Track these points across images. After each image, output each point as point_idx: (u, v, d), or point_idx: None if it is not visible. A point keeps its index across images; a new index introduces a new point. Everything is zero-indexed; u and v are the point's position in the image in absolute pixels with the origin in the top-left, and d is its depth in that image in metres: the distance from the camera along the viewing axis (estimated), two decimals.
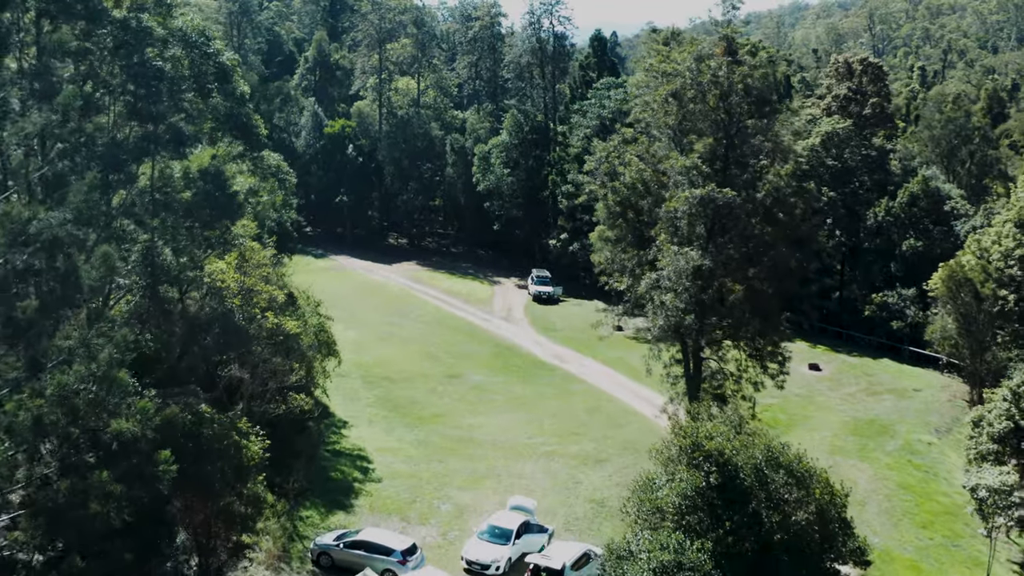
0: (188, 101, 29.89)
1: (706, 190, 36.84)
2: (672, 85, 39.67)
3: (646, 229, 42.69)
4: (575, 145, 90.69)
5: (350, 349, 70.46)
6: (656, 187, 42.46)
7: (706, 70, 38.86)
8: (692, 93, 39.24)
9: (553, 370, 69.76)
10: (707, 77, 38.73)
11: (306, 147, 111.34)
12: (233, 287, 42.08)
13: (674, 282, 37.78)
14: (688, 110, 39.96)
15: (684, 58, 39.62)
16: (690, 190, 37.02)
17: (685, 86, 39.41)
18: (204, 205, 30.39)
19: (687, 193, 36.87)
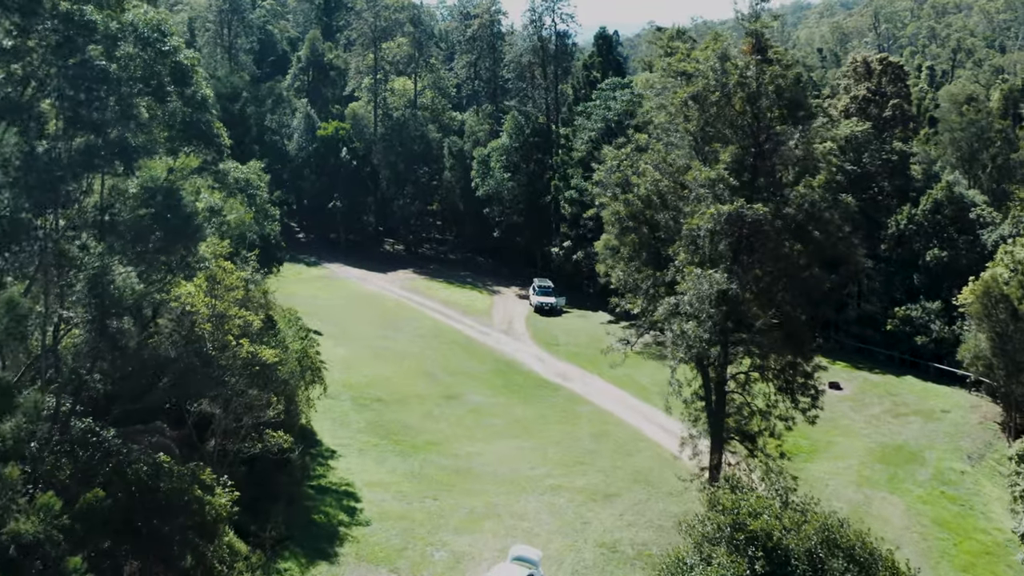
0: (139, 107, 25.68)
1: (735, 206, 32.58)
2: (693, 87, 35.41)
3: (663, 246, 38.39)
4: (579, 149, 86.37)
5: (340, 368, 66.31)
6: (674, 199, 38.18)
7: (732, 70, 34.58)
8: (716, 96, 34.96)
9: (557, 389, 65.47)
10: (734, 78, 34.46)
11: (298, 150, 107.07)
12: (204, 311, 37.86)
13: (696, 308, 33.47)
14: (711, 115, 35.70)
15: (707, 57, 35.35)
16: (716, 206, 32.74)
17: (708, 88, 35.15)
18: (155, 228, 26.16)
19: (713, 210, 32.59)
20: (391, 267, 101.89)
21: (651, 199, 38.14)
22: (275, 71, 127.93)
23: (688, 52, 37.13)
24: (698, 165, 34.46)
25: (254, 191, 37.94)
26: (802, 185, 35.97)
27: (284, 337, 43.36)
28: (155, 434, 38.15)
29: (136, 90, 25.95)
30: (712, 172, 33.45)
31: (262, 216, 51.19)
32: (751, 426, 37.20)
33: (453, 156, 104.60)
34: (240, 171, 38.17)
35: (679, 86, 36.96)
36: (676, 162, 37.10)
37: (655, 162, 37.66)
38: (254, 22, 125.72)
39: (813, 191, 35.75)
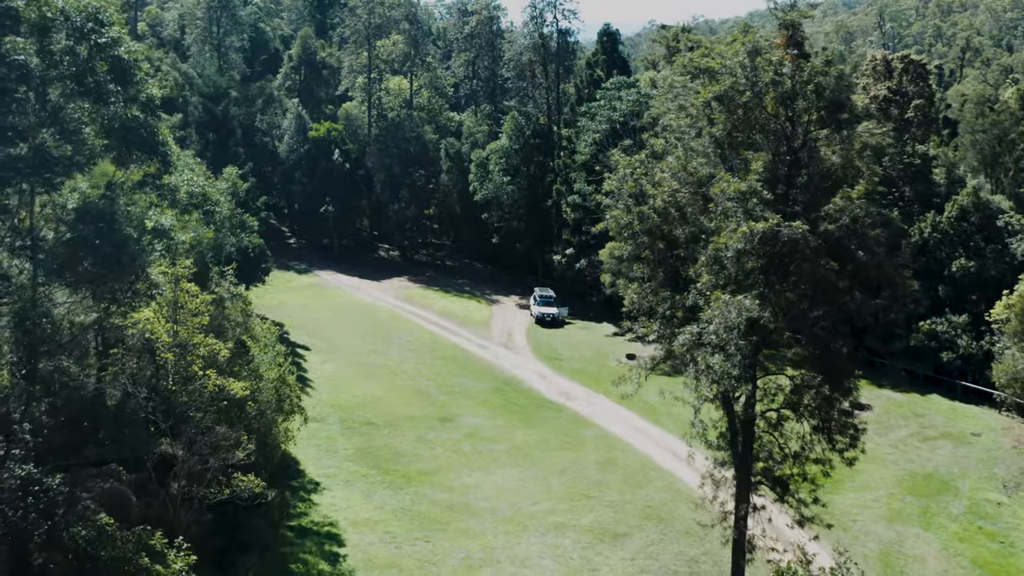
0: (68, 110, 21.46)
1: (770, 223, 28.28)
2: (718, 86, 31.08)
3: (682, 266, 34.04)
4: (583, 152, 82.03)
5: (328, 387, 62.20)
6: (694, 213, 33.84)
7: (766, 67, 30.28)
8: (746, 96, 30.63)
9: (560, 410, 61.15)
10: (768, 76, 30.15)
11: (289, 152, 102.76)
12: (165, 339, 33.60)
13: (723, 339, 29.14)
14: (738, 118, 31.38)
15: (735, 51, 31.05)
16: (748, 223, 28.42)
17: (736, 87, 30.84)
18: (84, 255, 21.90)
19: (745, 228, 28.27)
20: (385, 274, 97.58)
21: (669, 212, 33.81)
22: (267, 70, 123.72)
23: (711, 47, 32.80)
24: (726, 176, 30.11)
25: (212, 206, 33.59)
26: (840, 197, 31.62)
27: (258, 365, 39.02)
28: (109, 478, 33.85)
29: (68, 90, 21.72)
30: (742, 184, 29.13)
31: (237, 228, 46.88)
32: (782, 470, 32.86)
33: (450, 158, 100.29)
34: (196, 183, 33.77)
35: (701, 85, 32.58)
36: (698, 171, 32.77)
37: (674, 170, 33.31)
38: (244, 19, 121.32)
39: (853, 204, 31.41)
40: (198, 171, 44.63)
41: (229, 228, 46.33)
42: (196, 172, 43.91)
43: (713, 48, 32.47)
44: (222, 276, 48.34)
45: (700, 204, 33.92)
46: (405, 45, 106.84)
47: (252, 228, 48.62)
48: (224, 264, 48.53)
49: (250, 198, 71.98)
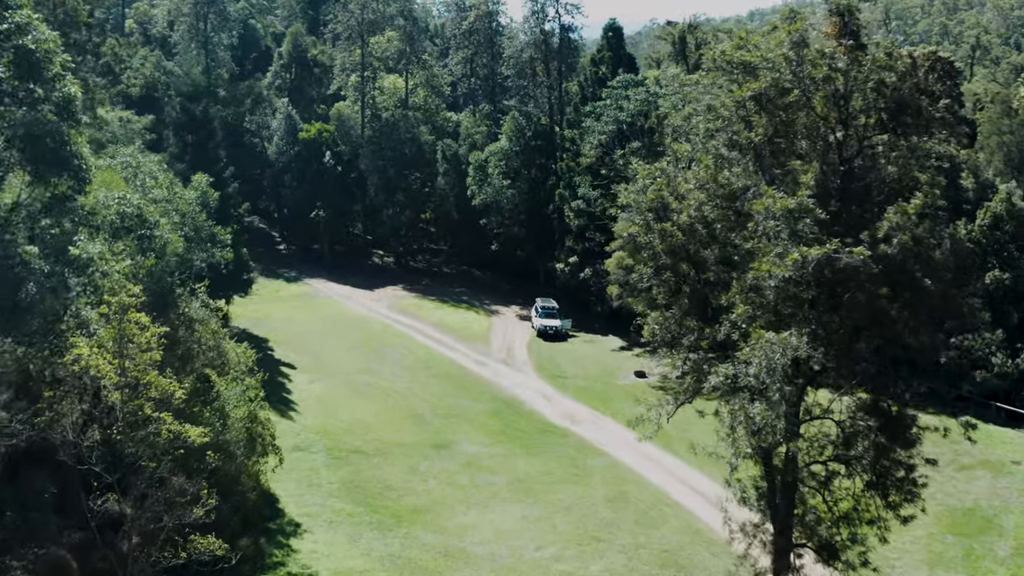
0: None
1: (826, 249, 23.64)
2: (757, 83, 26.40)
3: (711, 292, 29.32)
4: (587, 154, 77.24)
5: (314, 409, 57.54)
6: (724, 231, 29.13)
7: (818, 61, 25.59)
8: (794, 95, 25.95)
9: (565, 435, 56.41)
10: (821, 71, 25.48)
11: (278, 154, 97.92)
12: (112, 377, 28.93)
13: (763, 382, 24.44)
14: (781, 120, 26.67)
15: (778, 42, 26.38)
16: (799, 248, 23.76)
17: (779, 84, 26.14)
18: None
19: (796, 255, 23.59)
20: (379, 282, 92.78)
21: (695, 230, 29.10)
22: (258, 69, 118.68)
23: (746, 38, 28.09)
24: (769, 191, 25.42)
25: (149, 229, 28.85)
26: (893, 212, 26.90)
27: (224, 403, 34.25)
28: (45, 543, 29.14)
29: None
30: (791, 200, 24.45)
31: (207, 242, 42.20)
32: (830, 534, 28.16)
33: (447, 161, 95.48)
34: (128, 203, 28.92)
35: (733, 82, 27.87)
36: (730, 182, 28.04)
37: (701, 181, 28.60)
38: (233, 15, 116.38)
39: (909, 220, 26.71)
40: (162, 180, 40.00)
41: (198, 242, 41.61)
42: (159, 182, 39.28)
43: (748, 39, 27.69)
44: (192, 294, 43.69)
45: (732, 220, 29.17)
46: (400, 42, 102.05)
47: (224, 242, 43.89)
48: (195, 281, 43.80)
49: (232, 204, 67.24)
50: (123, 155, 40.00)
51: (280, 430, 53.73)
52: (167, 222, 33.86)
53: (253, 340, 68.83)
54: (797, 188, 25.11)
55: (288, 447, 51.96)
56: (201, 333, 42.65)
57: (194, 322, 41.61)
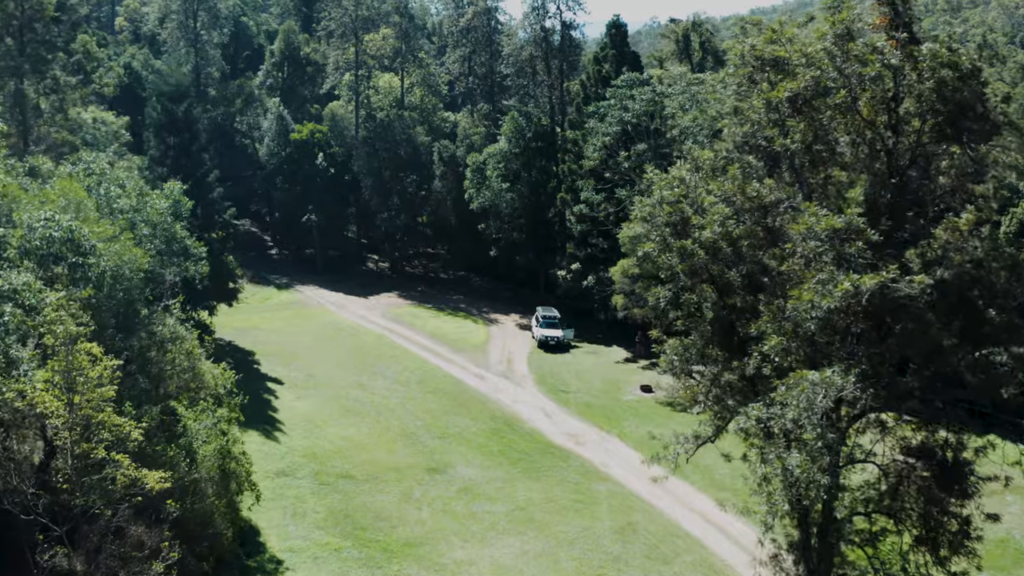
0: None
1: (882, 277, 20.26)
2: (795, 82, 22.99)
3: (738, 318, 25.89)
4: (591, 157, 73.74)
5: (301, 429, 54.12)
6: (751, 249, 25.69)
7: (870, 57, 22.17)
8: (840, 96, 22.54)
9: (567, 457, 52.96)
10: (874, 67, 22.07)
11: (269, 156, 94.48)
12: (62, 414, 25.54)
13: (803, 428, 21.04)
14: (821, 125, 23.24)
15: (820, 34, 22.97)
16: (849, 276, 20.37)
17: (820, 83, 22.72)
18: None
19: (847, 284, 20.19)
20: (373, 289, 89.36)
21: (719, 248, 25.65)
22: (250, 68, 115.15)
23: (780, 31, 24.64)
24: (812, 207, 21.98)
25: (81, 257, 25.37)
26: (943, 228, 23.51)
27: (192, 438, 30.81)
28: None
29: None
30: (837, 219, 21.03)
31: (179, 255, 38.78)
32: None
33: (444, 163, 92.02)
34: (55, 225, 25.14)
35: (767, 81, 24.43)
36: (761, 195, 24.59)
37: (727, 194, 25.17)
38: (224, 13, 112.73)
39: (961, 237, 23.31)
40: (131, 188, 36.60)
41: (170, 255, 38.20)
42: (127, 190, 35.87)
43: (782, 32, 24.23)
44: (167, 311, 40.30)
45: (760, 237, 25.73)
46: (396, 40, 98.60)
47: (199, 255, 40.52)
48: (169, 296, 40.42)
49: (216, 210, 63.81)
50: (86, 161, 36.63)
51: (264, 453, 50.56)
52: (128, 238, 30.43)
53: (238, 353, 65.55)
54: (843, 203, 21.73)
55: (272, 472, 48.75)
56: (175, 354, 39.25)
57: (166, 342, 38.18)
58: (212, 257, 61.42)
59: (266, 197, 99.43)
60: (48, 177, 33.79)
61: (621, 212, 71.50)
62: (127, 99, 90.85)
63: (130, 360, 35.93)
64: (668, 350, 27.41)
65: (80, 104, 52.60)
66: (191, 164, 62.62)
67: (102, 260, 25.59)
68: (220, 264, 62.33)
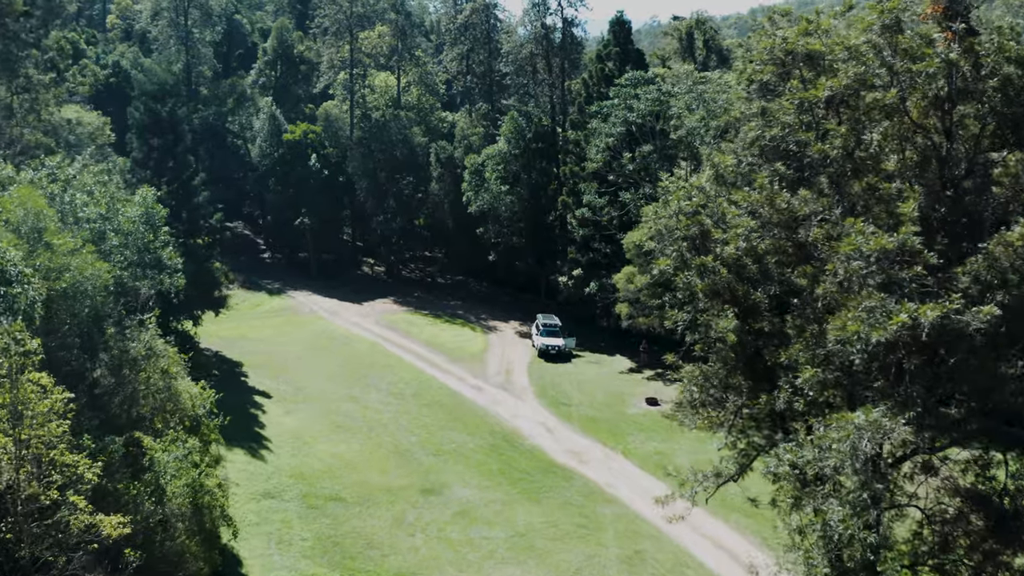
0: None
1: (945, 307, 17.50)
2: (835, 80, 20.22)
3: (766, 345, 23.09)
4: (594, 159, 70.92)
5: (289, 447, 51.39)
6: (777, 266, 22.91)
7: (926, 51, 19.38)
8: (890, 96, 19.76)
9: (570, 477, 50.16)
10: (932, 63, 19.27)
11: (262, 157, 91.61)
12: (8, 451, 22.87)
13: (846, 474, 18.27)
14: (863, 127, 20.45)
15: (866, 25, 20.17)
16: (905, 306, 17.61)
17: (865, 81, 19.93)
18: None
19: (904, 316, 17.42)
20: (368, 295, 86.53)
21: (743, 265, 22.85)
22: (243, 66, 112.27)
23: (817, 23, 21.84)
24: (858, 224, 19.17)
25: (7, 284, 22.62)
26: (994, 243, 20.69)
27: (160, 473, 27.99)
28: None
29: None
30: (886, 238, 18.25)
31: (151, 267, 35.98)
32: None
33: (441, 164, 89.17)
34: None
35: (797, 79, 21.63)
36: (793, 207, 21.79)
37: (754, 205, 22.36)
38: (216, 10, 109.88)
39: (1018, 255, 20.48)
40: (100, 195, 33.76)
41: (143, 267, 35.38)
42: (96, 197, 33.03)
43: (819, 23, 21.40)
44: (141, 326, 37.54)
45: (789, 254, 22.93)
46: (392, 37, 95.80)
47: (174, 267, 37.70)
48: (145, 310, 37.65)
49: (202, 215, 61.00)
50: (50, 166, 33.83)
51: (249, 473, 47.83)
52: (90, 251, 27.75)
53: (225, 364, 62.83)
54: (892, 219, 18.94)
55: (258, 493, 46.04)
56: (149, 372, 36.52)
57: (139, 361, 35.45)
58: (197, 264, 58.98)
59: (258, 199, 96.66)
60: (8, 184, 31.01)
61: (625, 216, 68.81)
62: (115, 98, 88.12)
63: (96, 383, 33.21)
64: (686, 379, 24.58)
65: (54, 104, 49.81)
66: (176, 166, 59.83)
67: (30, 290, 22.76)
68: (206, 271, 59.59)
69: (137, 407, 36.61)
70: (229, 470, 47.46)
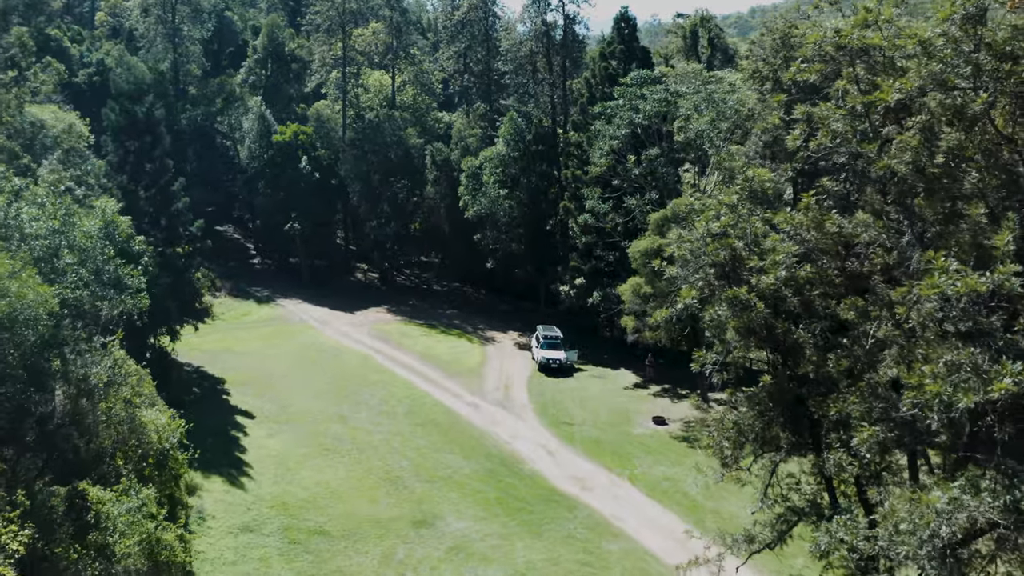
0: None
1: None
2: (906, 81, 16.74)
3: (811, 393, 19.57)
4: (597, 163, 67.36)
5: (271, 473, 47.89)
6: (822, 300, 19.38)
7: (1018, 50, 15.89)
8: (978, 104, 16.27)
9: (574, 507, 46.57)
10: None
11: (250, 159, 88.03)
12: None
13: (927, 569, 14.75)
14: (936, 138, 16.96)
15: (945, 16, 16.67)
16: (1007, 368, 14.08)
17: (944, 83, 16.46)
18: None
19: (1008, 382, 13.86)
20: (361, 303, 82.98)
21: (783, 297, 19.32)
22: (234, 64, 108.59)
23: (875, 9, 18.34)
24: (939, 259, 15.62)
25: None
26: None
27: (108, 529, 24.42)
28: None
29: None
30: (975, 278, 14.65)
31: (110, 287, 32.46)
32: None
33: (437, 167, 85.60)
34: None
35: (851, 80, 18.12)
36: (846, 231, 18.26)
37: (797, 227, 18.83)
38: (206, 7, 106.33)
39: None
40: (52, 208, 30.24)
41: (102, 286, 31.86)
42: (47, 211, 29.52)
43: (880, 11, 17.89)
44: (104, 349, 34.05)
45: (837, 284, 19.39)
46: (386, 35, 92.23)
47: (137, 286, 34.17)
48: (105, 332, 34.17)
49: (182, 223, 57.40)
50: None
51: (227, 504, 44.30)
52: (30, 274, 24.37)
53: (207, 381, 59.37)
54: (979, 251, 15.48)
55: (236, 527, 42.49)
56: (110, 403, 33.03)
57: (96, 391, 31.95)
58: (176, 274, 55.45)
59: (247, 203, 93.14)
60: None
61: (631, 223, 65.33)
62: (99, 98, 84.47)
63: (46, 418, 29.70)
64: (715, 430, 21.07)
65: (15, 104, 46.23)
66: (154, 171, 56.26)
67: None
68: (185, 282, 56.09)
69: (97, 440, 33.18)
70: (206, 500, 44.15)
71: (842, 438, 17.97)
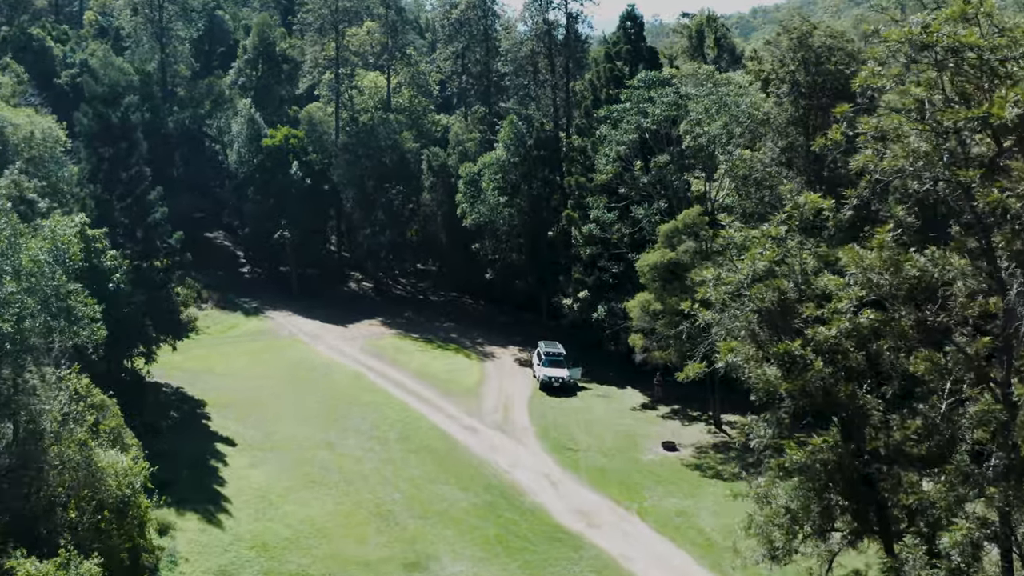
0: None
1: None
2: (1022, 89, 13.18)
3: (879, 472, 15.89)
4: (603, 170, 63.69)
5: (252, 508, 44.41)
6: (890, 352, 15.70)
7: None
8: None
9: (579, 546, 42.85)
10: None
11: (239, 163, 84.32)
12: None
13: None
14: None
15: None
16: None
17: None
18: None
19: None
20: (354, 315, 79.26)
21: (845, 354, 15.64)
22: (224, 65, 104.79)
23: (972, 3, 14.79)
24: None
25: None
26: None
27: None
28: None
29: None
30: None
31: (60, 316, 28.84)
32: None
33: (434, 172, 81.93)
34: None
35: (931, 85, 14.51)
36: (928, 272, 14.64)
37: (866, 267, 15.17)
38: (196, 6, 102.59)
39: None
40: None
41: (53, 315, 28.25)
42: None
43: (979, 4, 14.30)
44: (58, 384, 30.59)
45: (910, 337, 15.71)
46: (381, 34, 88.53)
47: (91, 316, 30.50)
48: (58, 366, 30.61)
49: (159, 234, 53.76)
50: None
51: (203, 544, 40.78)
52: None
53: (186, 404, 55.78)
54: None
55: (211, 571, 39.00)
56: (65, 445, 29.54)
57: (45, 435, 28.51)
58: (153, 290, 51.88)
59: (236, 209, 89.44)
60: None
61: (638, 234, 61.72)
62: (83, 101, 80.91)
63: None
64: (759, 509, 17.42)
65: None
66: (130, 179, 52.70)
67: None
68: (163, 298, 52.49)
69: (48, 489, 29.66)
70: (179, 541, 40.63)
71: (922, 532, 14.41)
